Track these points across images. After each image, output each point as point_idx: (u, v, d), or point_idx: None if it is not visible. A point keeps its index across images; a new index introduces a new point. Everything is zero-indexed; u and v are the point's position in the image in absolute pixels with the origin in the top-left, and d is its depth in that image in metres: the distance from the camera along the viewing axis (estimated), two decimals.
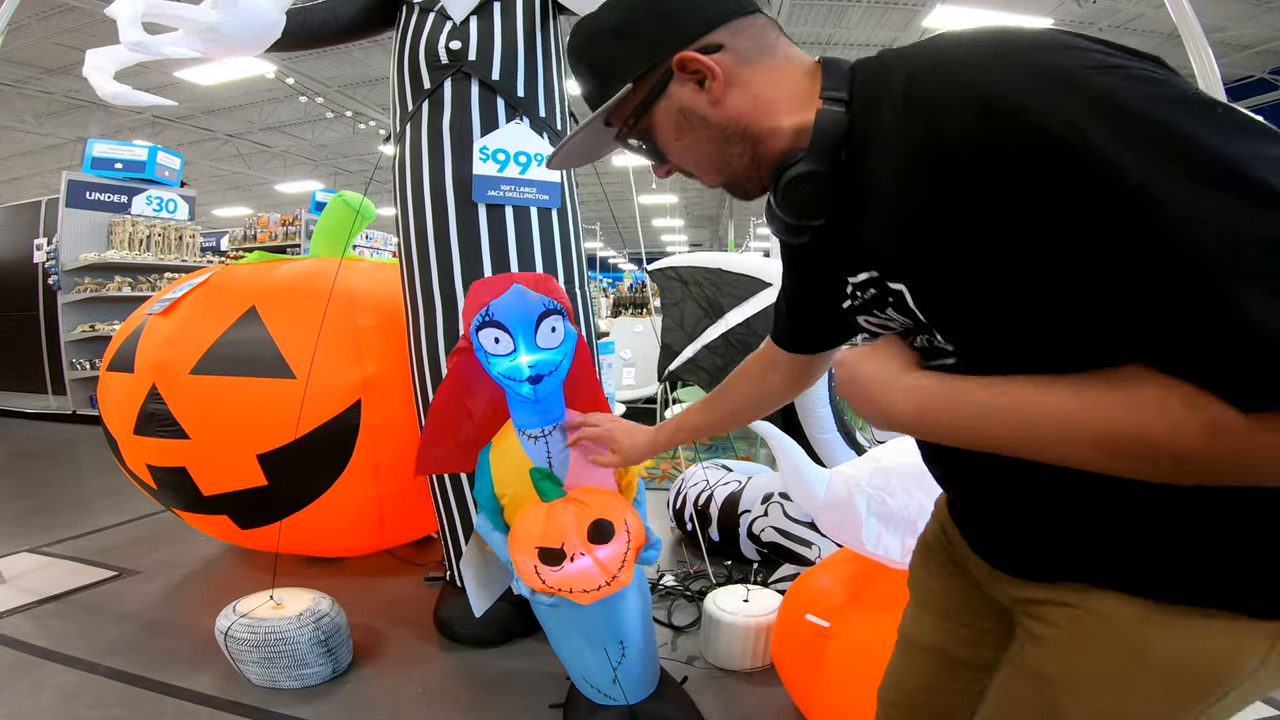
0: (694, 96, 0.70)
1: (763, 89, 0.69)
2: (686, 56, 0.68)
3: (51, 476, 3.84)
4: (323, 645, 1.65)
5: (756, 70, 0.69)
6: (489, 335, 1.23)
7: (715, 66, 0.68)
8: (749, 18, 0.70)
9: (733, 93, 0.69)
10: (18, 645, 1.82)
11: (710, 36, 0.69)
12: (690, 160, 0.74)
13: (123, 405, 1.99)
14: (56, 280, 5.31)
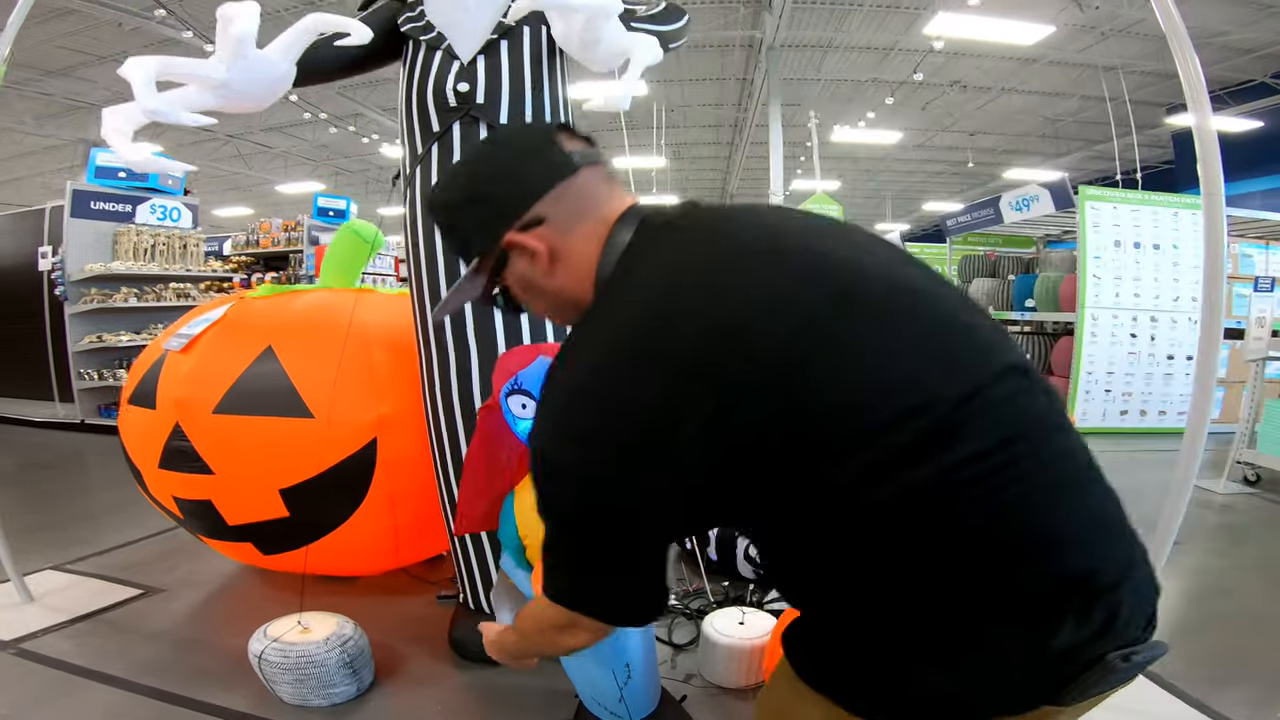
0: (529, 268, 0.83)
1: (579, 259, 0.81)
2: (512, 239, 0.81)
3: (65, 489, 3.96)
4: (348, 666, 1.79)
5: (574, 239, 0.81)
6: (517, 401, 1.37)
7: (539, 246, 0.80)
8: (568, 180, 0.81)
9: (558, 267, 0.82)
10: (58, 664, 1.94)
11: (534, 210, 0.80)
12: (541, 312, 0.89)
13: (146, 440, 2.10)
14: (63, 291, 5.39)
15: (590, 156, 0.83)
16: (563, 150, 0.82)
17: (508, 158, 0.84)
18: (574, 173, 0.81)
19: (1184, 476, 1.77)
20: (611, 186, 0.84)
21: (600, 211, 0.82)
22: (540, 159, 0.82)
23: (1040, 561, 0.66)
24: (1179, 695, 1.92)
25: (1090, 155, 14.16)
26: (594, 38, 1.56)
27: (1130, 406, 5.71)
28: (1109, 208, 5.65)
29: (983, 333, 0.74)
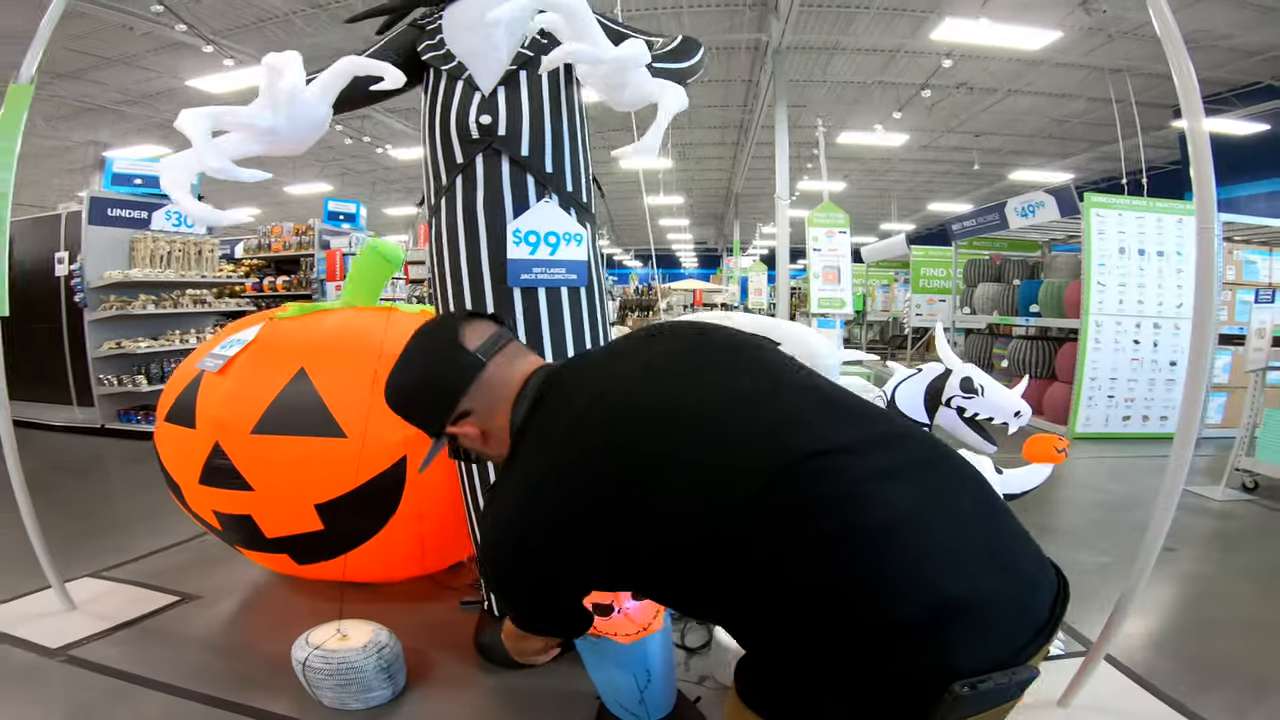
0: (470, 443, 1.11)
1: (502, 431, 1.08)
2: (450, 430, 1.10)
3: (92, 495, 4.06)
4: (385, 672, 1.89)
5: (495, 418, 1.08)
6: None
7: (471, 431, 1.09)
8: (480, 376, 1.07)
9: (490, 439, 1.10)
10: (109, 671, 2.04)
11: (459, 408, 1.07)
12: (493, 461, 1.16)
13: (186, 457, 2.20)
14: (83, 298, 5.49)
15: (494, 345, 1.09)
16: (468, 352, 1.07)
17: (426, 372, 1.10)
18: (482, 369, 1.07)
19: (1172, 485, 1.83)
20: (515, 363, 1.10)
21: (504, 393, 1.08)
22: (452, 366, 1.07)
23: (869, 605, 0.81)
24: (1163, 698, 2.01)
25: (1096, 156, 14.16)
26: (620, 82, 1.62)
27: (1133, 412, 5.78)
28: (1114, 214, 5.71)
29: (760, 439, 0.92)
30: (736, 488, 0.87)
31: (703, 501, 0.88)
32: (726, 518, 0.87)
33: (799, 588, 0.83)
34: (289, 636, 2.03)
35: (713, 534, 0.88)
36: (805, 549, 0.83)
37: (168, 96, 11.12)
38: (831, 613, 0.82)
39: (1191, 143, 1.76)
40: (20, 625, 2.31)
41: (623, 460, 0.93)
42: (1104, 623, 1.89)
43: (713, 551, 0.88)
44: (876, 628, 0.80)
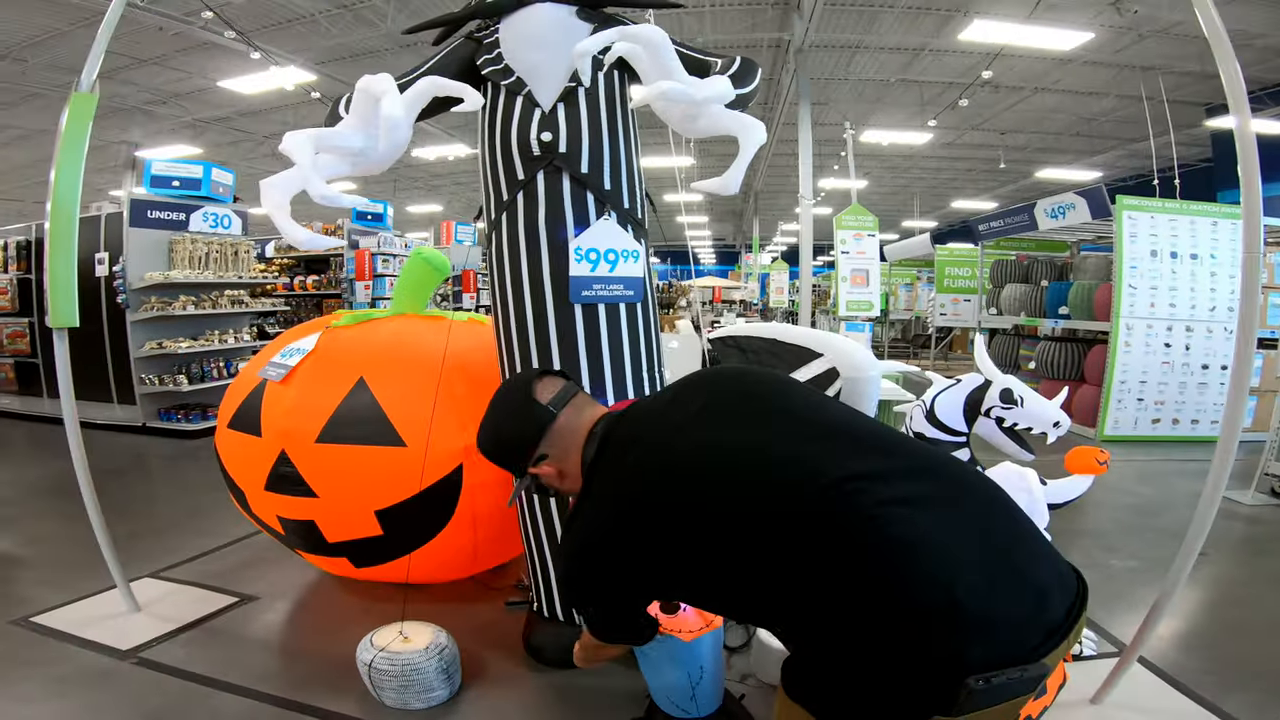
0: (549, 481, 1.31)
1: (576, 469, 1.27)
2: (532, 471, 1.30)
3: (138, 494, 4.20)
4: (444, 673, 1.97)
5: (569, 460, 1.27)
6: None
7: (550, 471, 1.28)
8: (552, 425, 1.27)
9: (566, 479, 1.29)
10: (181, 674, 2.13)
11: (537, 451, 1.28)
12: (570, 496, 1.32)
13: (252, 464, 2.29)
14: (125, 299, 5.64)
15: (563, 398, 1.29)
16: (542, 405, 1.28)
17: (508, 421, 1.32)
18: (553, 419, 1.27)
19: (1211, 493, 1.86)
20: (582, 413, 1.30)
21: (576, 440, 1.27)
22: (527, 418, 1.28)
23: (894, 608, 0.93)
24: (1192, 697, 2.07)
25: (1126, 154, 13.96)
26: (696, 113, 1.65)
27: (1162, 415, 5.74)
28: (1146, 217, 5.66)
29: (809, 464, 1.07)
30: (783, 504, 1.02)
31: (755, 518, 1.03)
32: (774, 531, 1.01)
33: (837, 591, 0.97)
34: (347, 637, 2.12)
35: (763, 546, 1.01)
36: (841, 558, 0.97)
37: (198, 97, 11.31)
38: (864, 613, 0.95)
39: (1240, 145, 1.75)
40: (89, 627, 2.41)
41: (685, 485, 1.10)
42: (1136, 624, 1.95)
43: (764, 560, 1.02)
44: (901, 627, 0.92)
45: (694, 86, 1.55)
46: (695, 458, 1.12)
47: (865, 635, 0.94)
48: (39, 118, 11.26)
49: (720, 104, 1.64)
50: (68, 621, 2.45)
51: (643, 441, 1.19)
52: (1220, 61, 1.74)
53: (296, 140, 1.59)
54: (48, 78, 9.75)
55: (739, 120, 1.65)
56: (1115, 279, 5.62)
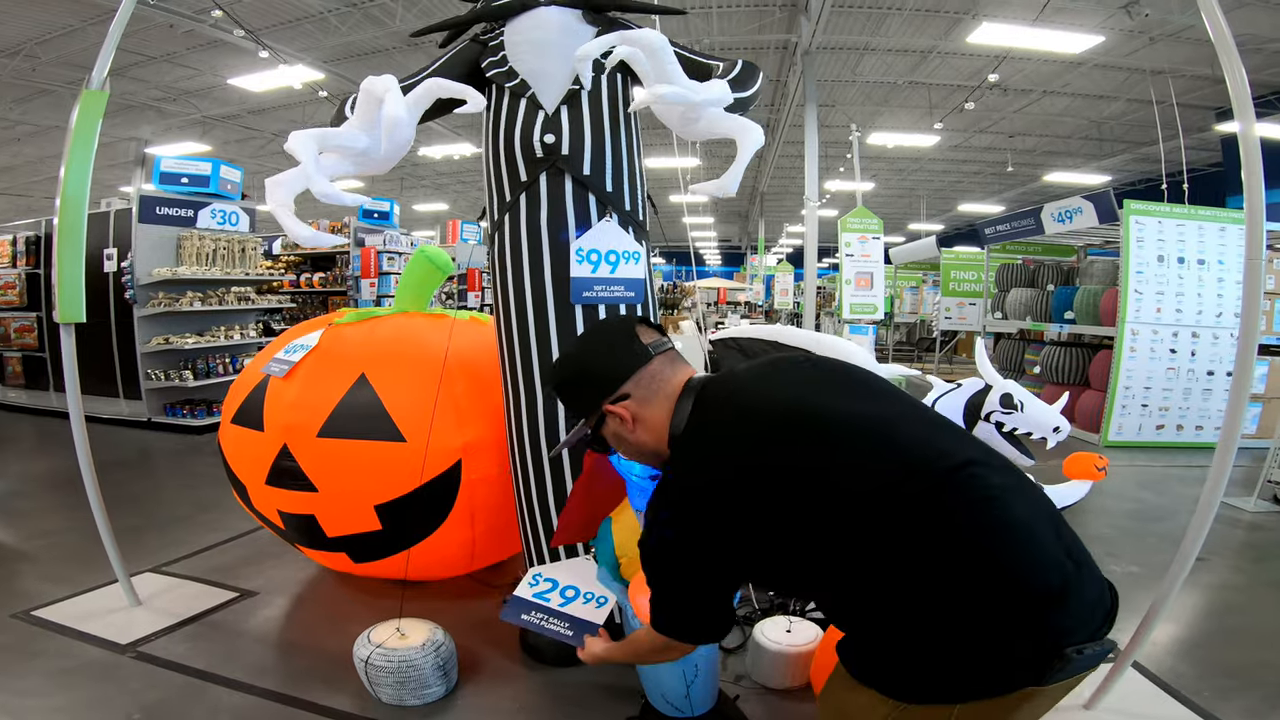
0: (620, 427, 1.20)
1: (654, 423, 1.18)
2: (607, 408, 1.19)
3: (143, 488, 4.22)
4: (440, 669, 1.98)
5: (650, 408, 1.18)
6: None
7: (625, 414, 1.18)
8: (645, 367, 1.18)
9: (639, 428, 1.19)
10: (181, 668, 2.15)
11: (621, 389, 1.18)
12: (625, 455, 1.27)
13: (254, 459, 2.31)
14: (133, 295, 5.67)
15: (660, 346, 1.21)
16: (641, 343, 1.19)
17: (603, 351, 1.22)
18: (648, 361, 1.18)
19: (1209, 499, 1.85)
20: (675, 366, 1.21)
21: (666, 389, 1.18)
22: (625, 351, 1.19)
23: (1010, 582, 0.95)
24: (1187, 704, 2.06)
25: (1135, 158, 13.87)
26: (695, 116, 1.66)
27: (1167, 421, 5.71)
28: (1154, 222, 5.63)
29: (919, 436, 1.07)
30: (911, 481, 0.99)
31: (880, 491, 0.99)
32: (897, 505, 0.98)
33: (951, 567, 0.96)
34: (345, 633, 2.14)
35: (883, 519, 0.98)
36: (962, 536, 0.97)
37: (207, 94, 11.38)
38: (978, 588, 0.95)
39: (1243, 149, 1.75)
40: (89, 621, 2.43)
41: (808, 449, 1.04)
42: (1133, 630, 1.94)
43: (879, 534, 0.98)
44: (1017, 602, 0.95)
45: (692, 90, 1.56)
46: (819, 422, 1.06)
47: (975, 610, 0.94)
48: (50, 114, 11.36)
49: (719, 107, 1.64)
50: (69, 615, 2.47)
51: (752, 403, 1.12)
52: (1225, 65, 1.74)
53: (300, 139, 1.60)
54: (58, 74, 9.82)
55: (737, 123, 1.66)
56: (1121, 284, 5.59)
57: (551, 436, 2.08)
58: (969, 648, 0.95)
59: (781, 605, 2.51)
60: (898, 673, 1.00)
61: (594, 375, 1.20)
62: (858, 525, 0.99)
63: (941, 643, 0.97)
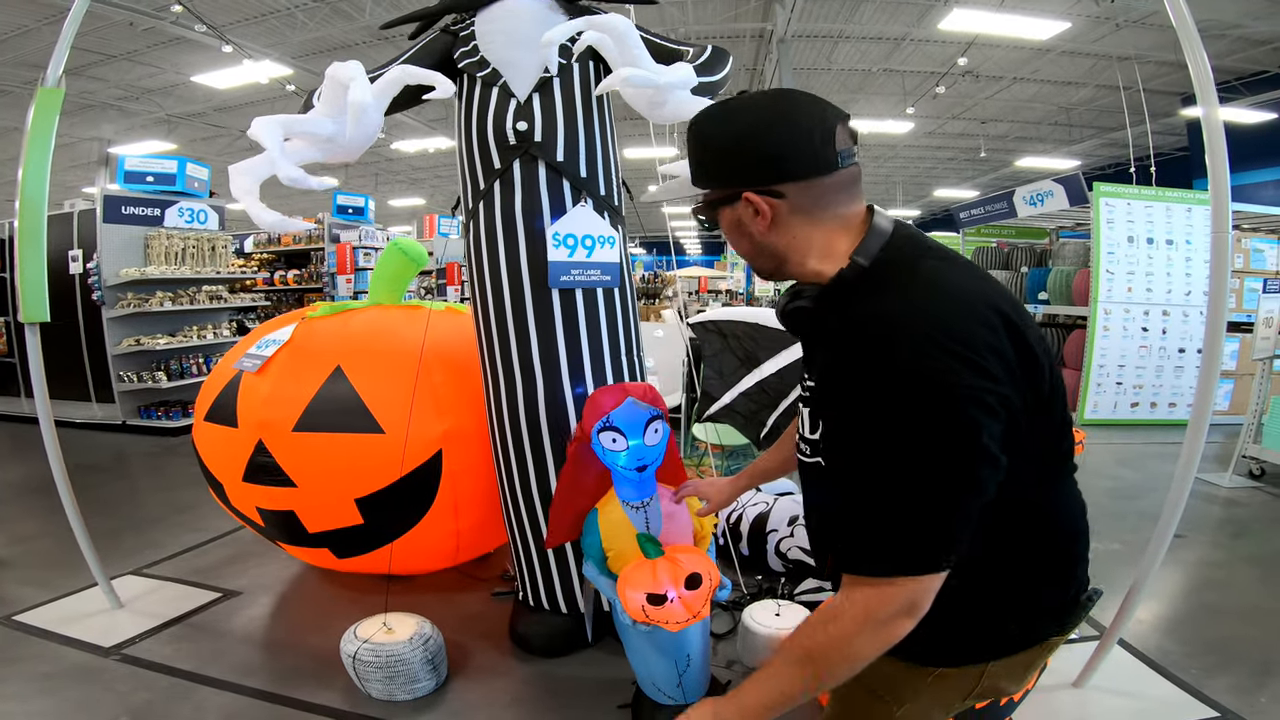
0: (750, 219, 0.93)
1: (800, 236, 0.93)
2: (749, 197, 0.91)
3: (120, 491, 4.14)
4: (429, 663, 1.97)
5: (803, 222, 0.92)
6: (608, 436, 1.55)
7: (767, 209, 0.91)
8: (822, 179, 0.90)
9: (775, 230, 0.93)
10: (165, 669, 2.12)
11: (779, 185, 0.90)
12: (732, 243, 1.00)
13: (229, 456, 2.27)
14: (100, 296, 5.54)
15: (849, 159, 0.92)
16: (833, 150, 0.89)
17: (784, 132, 0.89)
18: (830, 173, 0.90)
19: (1183, 476, 1.88)
20: (852, 190, 0.94)
21: (838, 213, 0.93)
22: (808, 148, 0.89)
23: (1072, 542, 0.96)
24: (1174, 680, 2.10)
25: (1103, 143, 14.11)
26: (661, 100, 1.66)
27: (1141, 399, 5.83)
28: (1123, 204, 5.73)
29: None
30: (1053, 392, 0.89)
31: (1043, 394, 0.87)
32: (1037, 412, 0.86)
33: (1032, 503, 0.91)
34: (332, 630, 2.11)
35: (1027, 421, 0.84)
36: (1045, 465, 0.92)
37: (170, 92, 11.12)
38: (1044, 528, 0.93)
39: (1206, 134, 1.78)
40: (72, 625, 2.39)
41: (1014, 322, 0.85)
42: (1117, 608, 1.97)
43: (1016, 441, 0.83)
44: (1063, 543, 0.95)
45: (657, 72, 1.56)
46: (1010, 302, 0.88)
47: (1025, 552, 0.92)
48: (7, 115, 11.04)
49: (684, 89, 1.64)
50: (50, 619, 2.43)
51: (955, 259, 0.92)
52: (1187, 51, 1.78)
53: (264, 125, 1.58)
54: (16, 75, 9.55)
55: (699, 105, 1.66)
56: (1093, 265, 5.69)
57: (533, 425, 2.06)
58: (1008, 598, 0.93)
59: (770, 590, 2.53)
60: (938, 637, 0.89)
61: (755, 154, 0.90)
62: (1020, 423, 0.83)
63: (986, 594, 0.92)
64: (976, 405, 0.78)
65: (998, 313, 0.83)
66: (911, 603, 0.81)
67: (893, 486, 0.80)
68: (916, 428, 0.78)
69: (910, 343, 0.79)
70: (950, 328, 0.80)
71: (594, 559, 1.70)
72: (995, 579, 0.91)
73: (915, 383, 0.78)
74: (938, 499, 0.79)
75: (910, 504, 0.79)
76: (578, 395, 2.05)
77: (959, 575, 0.83)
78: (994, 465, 0.80)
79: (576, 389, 2.06)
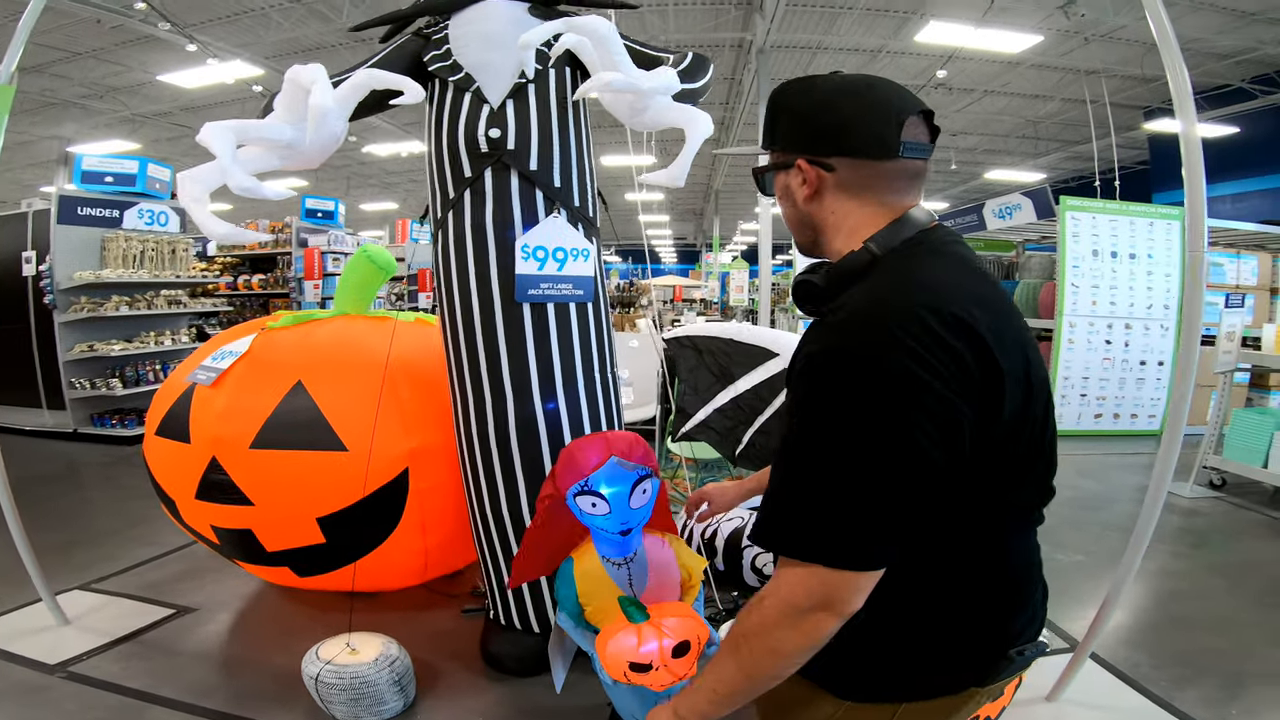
0: (797, 185, 0.96)
1: (838, 212, 0.95)
2: (800, 162, 0.94)
3: (70, 502, 3.97)
4: (396, 684, 1.90)
5: (845, 199, 0.94)
6: (587, 500, 1.38)
7: (813, 177, 0.94)
8: (879, 163, 0.92)
9: (816, 201, 0.96)
10: (114, 689, 2.02)
11: (832, 159, 0.93)
12: (785, 215, 1.03)
13: (181, 472, 2.17)
14: (52, 300, 5.34)
15: (914, 152, 0.93)
16: (896, 137, 0.90)
17: (850, 110, 0.92)
18: (889, 156, 0.91)
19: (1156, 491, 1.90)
20: (908, 184, 0.94)
21: (883, 199, 0.93)
22: (874, 130, 0.90)
23: (1011, 592, 0.92)
24: (1145, 694, 2.11)
25: (1069, 156, 14.45)
26: (643, 105, 1.62)
27: (1105, 410, 5.95)
28: (1088, 218, 5.86)
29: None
30: (1029, 428, 0.87)
31: (1013, 420, 0.84)
32: (1005, 439, 0.83)
33: (978, 541, 0.89)
34: (293, 649, 2.03)
35: (985, 448, 0.82)
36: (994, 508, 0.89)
37: (136, 91, 10.83)
38: (986, 573, 0.90)
39: (1184, 146, 1.82)
40: (14, 641, 2.28)
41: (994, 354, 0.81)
42: (1086, 619, 1.98)
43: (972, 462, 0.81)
44: (1000, 592, 0.90)
45: (639, 77, 1.52)
46: (997, 314, 0.86)
47: (964, 595, 0.88)
48: None
49: (666, 96, 1.60)
50: None
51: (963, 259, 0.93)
52: (1168, 65, 1.79)
53: (215, 131, 1.51)
54: None
55: (685, 113, 1.63)
56: (1059, 278, 5.79)
57: (504, 444, 2.01)
58: (926, 638, 0.89)
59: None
60: (851, 666, 0.90)
61: (820, 123, 0.93)
62: (981, 443, 0.81)
63: (910, 632, 0.89)
64: (910, 396, 0.76)
65: (965, 315, 0.80)
66: (827, 597, 0.78)
67: (813, 463, 0.79)
68: (845, 407, 0.77)
69: (860, 327, 0.80)
70: (903, 317, 0.79)
71: (568, 612, 1.54)
72: (915, 614, 0.88)
73: (851, 363, 0.78)
74: (856, 484, 0.76)
75: (827, 484, 0.77)
76: (549, 411, 2.00)
77: (875, 605, 0.81)
78: (922, 465, 0.76)
79: (548, 404, 2.01)
